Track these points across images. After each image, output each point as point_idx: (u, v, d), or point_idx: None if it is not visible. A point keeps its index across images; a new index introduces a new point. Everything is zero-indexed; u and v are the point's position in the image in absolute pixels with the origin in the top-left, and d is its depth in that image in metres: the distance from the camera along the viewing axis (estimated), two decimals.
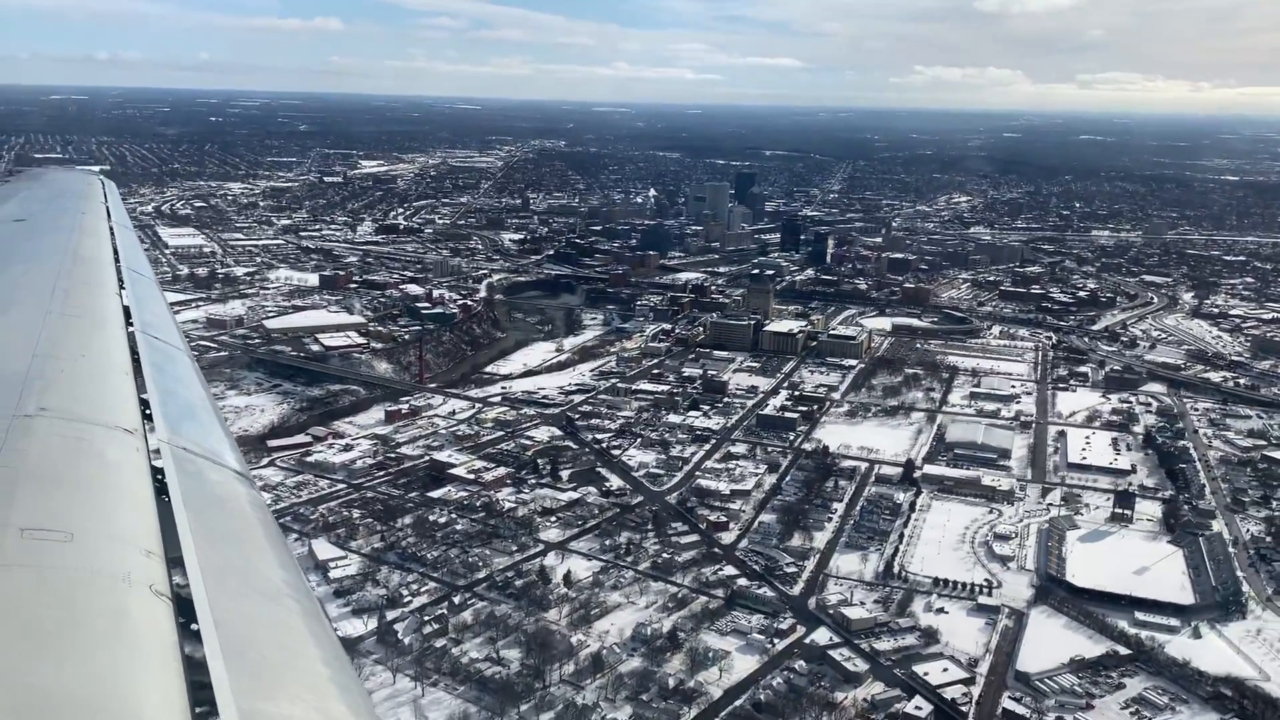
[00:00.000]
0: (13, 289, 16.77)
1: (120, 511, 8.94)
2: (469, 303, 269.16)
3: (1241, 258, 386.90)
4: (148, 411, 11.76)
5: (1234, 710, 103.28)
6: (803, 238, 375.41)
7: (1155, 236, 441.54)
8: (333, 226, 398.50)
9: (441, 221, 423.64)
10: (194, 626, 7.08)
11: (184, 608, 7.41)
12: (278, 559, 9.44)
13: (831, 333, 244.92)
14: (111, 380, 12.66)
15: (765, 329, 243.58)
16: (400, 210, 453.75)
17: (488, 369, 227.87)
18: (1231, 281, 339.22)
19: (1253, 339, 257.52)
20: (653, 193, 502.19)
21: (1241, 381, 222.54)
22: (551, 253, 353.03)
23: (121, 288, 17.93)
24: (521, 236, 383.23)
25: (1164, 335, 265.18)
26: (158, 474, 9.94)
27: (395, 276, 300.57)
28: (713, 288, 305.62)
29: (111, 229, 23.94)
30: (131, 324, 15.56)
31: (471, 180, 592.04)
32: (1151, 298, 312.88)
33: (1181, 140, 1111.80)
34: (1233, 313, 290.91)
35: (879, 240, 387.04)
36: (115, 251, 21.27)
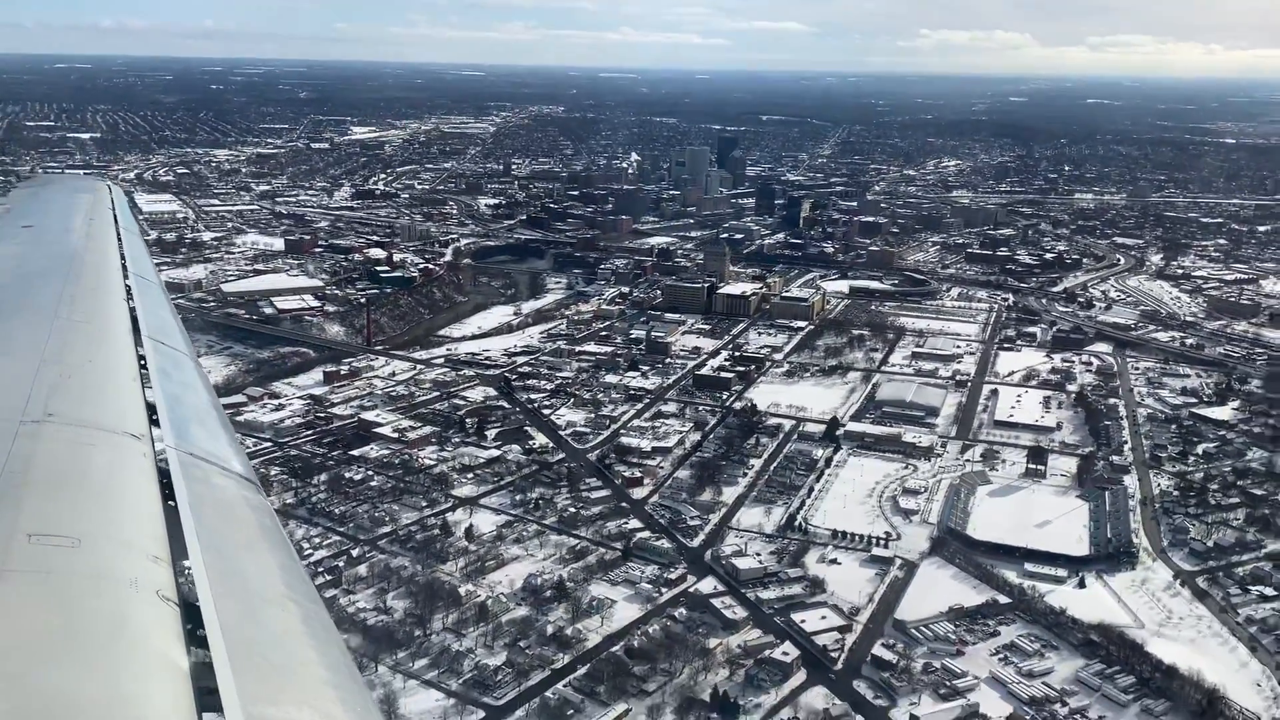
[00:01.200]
0: (20, 295, 16.83)
1: (127, 517, 8.95)
2: (431, 266, 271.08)
3: (1219, 220, 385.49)
4: (154, 417, 11.75)
5: (1100, 656, 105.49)
6: (777, 202, 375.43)
7: (1139, 199, 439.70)
8: (310, 192, 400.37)
9: (421, 187, 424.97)
10: (200, 632, 7.12)
11: (191, 613, 7.45)
12: (283, 564, 9.54)
13: (784, 295, 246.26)
14: (118, 386, 12.65)
15: (719, 292, 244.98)
16: (382, 176, 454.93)
17: (441, 331, 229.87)
18: (1203, 243, 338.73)
19: (1209, 299, 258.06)
20: (635, 157, 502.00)
21: (1189, 341, 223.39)
22: (524, 218, 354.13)
23: (128, 294, 18.03)
24: (496, 201, 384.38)
25: (1124, 296, 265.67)
26: (164, 479, 9.95)
27: (361, 241, 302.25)
28: (679, 252, 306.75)
29: (118, 235, 24.11)
30: (138, 330, 15.53)
31: (460, 146, 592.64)
32: (1119, 259, 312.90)
33: (1190, 103, 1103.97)
34: (1196, 274, 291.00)
35: (854, 204, 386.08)
36: (122, 257, 21.36)
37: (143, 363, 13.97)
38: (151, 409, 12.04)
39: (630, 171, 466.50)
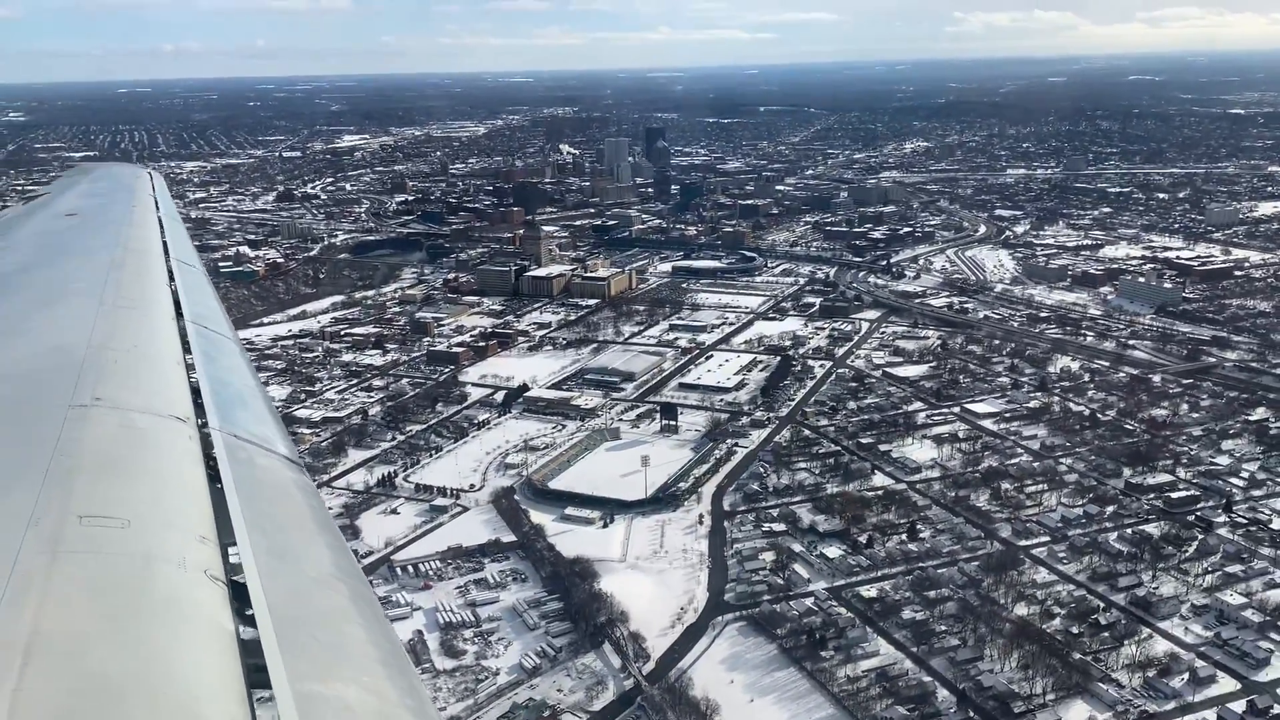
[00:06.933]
0: (66, 281, 17.07)
1: (175, 498, 9.06)
2: (279, 261, 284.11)
3: (1129, 189, 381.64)
4: (199, 400, 11.85)
5: (551, 587, 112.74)
6: (673, 189, 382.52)
7: (1072, 172, 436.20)
8: (238, 197, 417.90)
9: (352, 188, 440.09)
10: (248, 610, 7.22)
11: (238, 592, 7.57)
12: (329, 543, 9.53)
13: (585, 276, 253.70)
14: (163, 370, 12.75)
15: (526, 274, 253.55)
16: (327, 180, 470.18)
17: (256, 321, 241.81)
18: (1083, 212, 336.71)
19: (1023, 266, 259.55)
20: (565, 149, 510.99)
21: (969, 305, 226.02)
22: (420, 213, 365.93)
23: (171, 279, 18.18)
24: (403, 199, 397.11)
25: (950, 266, 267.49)
26: (210, 461, 10.06)
27: (237, 239, 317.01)
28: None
29: (160, 221, 24.23)
30: (182, 314, 15.70)
31: (430, 149, 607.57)
32: (980, 229, 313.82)
33: (1234, 76, 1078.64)
34: (1043, 242, 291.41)
35: (750, 188, 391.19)
36: (164, 243, 21.45)
37: (187, 346, 14.00)
38: (196, 392, 12.13)
39: (567, 164, 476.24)
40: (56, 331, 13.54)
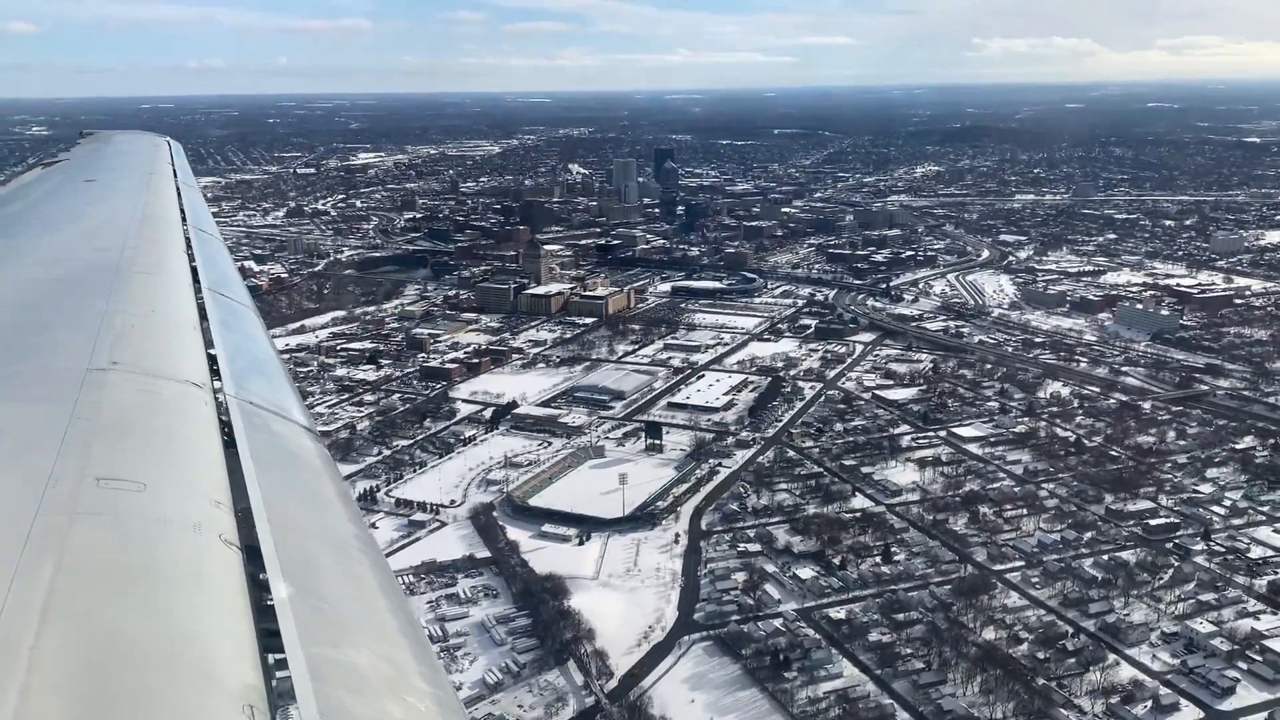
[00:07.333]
0: (84, 247, 17.15)
1: (190, 463, 9.12)
2: (282, 275, 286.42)
3: (1135, 216, 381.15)
4: (215, 366, 11.90)
5: (521, 603, 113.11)
6: (678, 210, 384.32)
7: (1080, 198, 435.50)
8: (250, 212, 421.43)
9: (363, 205, 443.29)
10: (262, 575, 7.23)
11: (252, 557, 7.56)
12: (343, 511, 9.62)
13: (583, 295, 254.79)
14: (180, 335, 12.88)
15: (525, 292, 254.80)
16: (340, 196, 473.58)
17: None
18: (1088, 239, 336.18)
19: (1022, 291, 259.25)
20: (575, 169, 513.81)
21: (965, 329, 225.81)
22: (427, 230, 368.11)
23: (189, 246, 18.24)
24: (411, 215, 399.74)
25: (948, 291, 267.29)
26: (226, 427, 10.10)
27: (244, 254, 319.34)
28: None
29: (178, 189, 24.51)
30: (199, 281, 15.84)
31: (443, 168, 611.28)
32: (984, 253, 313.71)
33: (1253, 105, 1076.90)
34: (1045, 267, 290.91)
35: (756, 209, 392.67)
36: (182, 211, 21.61)
37: (203, 313, 14.16)
38: (212, 358, 12.19)
39: (576, 184, 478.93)
40: (75, 295, 13.73)
